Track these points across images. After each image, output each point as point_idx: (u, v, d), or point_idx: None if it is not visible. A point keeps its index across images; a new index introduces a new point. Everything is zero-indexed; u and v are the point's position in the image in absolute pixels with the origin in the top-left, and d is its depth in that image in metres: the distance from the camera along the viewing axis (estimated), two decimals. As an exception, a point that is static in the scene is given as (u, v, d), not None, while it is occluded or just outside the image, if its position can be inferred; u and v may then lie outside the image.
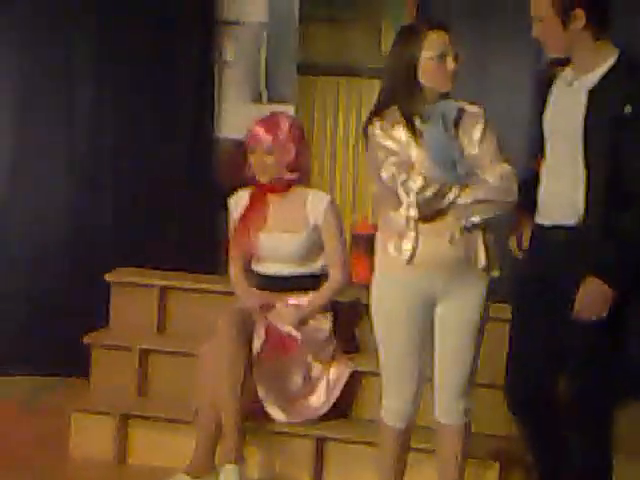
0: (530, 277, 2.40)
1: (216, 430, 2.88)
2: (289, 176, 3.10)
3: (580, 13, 2.20)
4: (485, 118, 2.38)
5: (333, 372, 3.12)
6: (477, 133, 2.35)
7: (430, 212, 2.27)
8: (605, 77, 2.23)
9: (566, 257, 2.27)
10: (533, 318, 2.37)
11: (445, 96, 2.34)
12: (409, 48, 2.31)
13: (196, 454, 2.89)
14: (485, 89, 3.78)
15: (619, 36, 2.32)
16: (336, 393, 3.10)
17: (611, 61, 2.24)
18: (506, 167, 2.34)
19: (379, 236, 2.42)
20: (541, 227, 2.37)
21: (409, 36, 2.34)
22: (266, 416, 3.01)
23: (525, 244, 2.47)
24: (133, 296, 3.47)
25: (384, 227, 2.40)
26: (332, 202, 3.15)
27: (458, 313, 2.37)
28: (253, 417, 2.97)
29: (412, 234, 2.29)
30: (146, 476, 3.12)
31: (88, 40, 4.16)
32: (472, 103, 2.41)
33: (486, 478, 2.91)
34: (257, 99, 4.38)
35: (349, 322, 3.28)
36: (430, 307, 2.38)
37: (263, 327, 2.98)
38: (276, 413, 3.01)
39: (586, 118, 2.22)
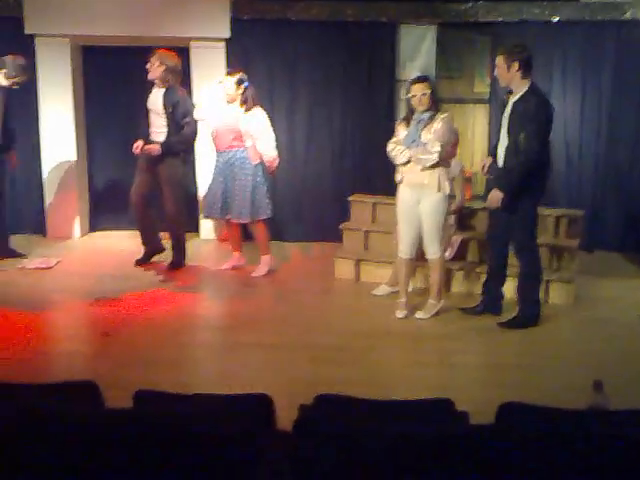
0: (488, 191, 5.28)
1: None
2: None
3: (516, 64, 4.94)
4: (442, 119, 5.13)
5: None
6: (435, 127, 5.12)
7: (397, 160, 5.26)
8: (521, 96, 4.97)
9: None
10: (493, 215, 5.29)
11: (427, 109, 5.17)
12: (408, 91, 5.20)
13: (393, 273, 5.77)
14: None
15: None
16: None
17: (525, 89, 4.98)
18: (437, 143, 5.10)
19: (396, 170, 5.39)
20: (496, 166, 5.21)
21: (408, 86, 5.28)
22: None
23: (486, 170, 5.30)
24: (359, 207, 6.65)
25: (396, 167, 5.34)
26: None
27: (425, 208, 5.21)
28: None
29: (401, 170, 5.28)
30: (368, 287, 6.06)
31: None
32: (442, 112, 5.20)
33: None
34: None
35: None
36: (416, 203, 5.24)
37: None
38: None
39: (509, 115, 5.02)
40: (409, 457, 2.28)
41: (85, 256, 7.01)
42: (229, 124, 6.16)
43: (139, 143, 6.32)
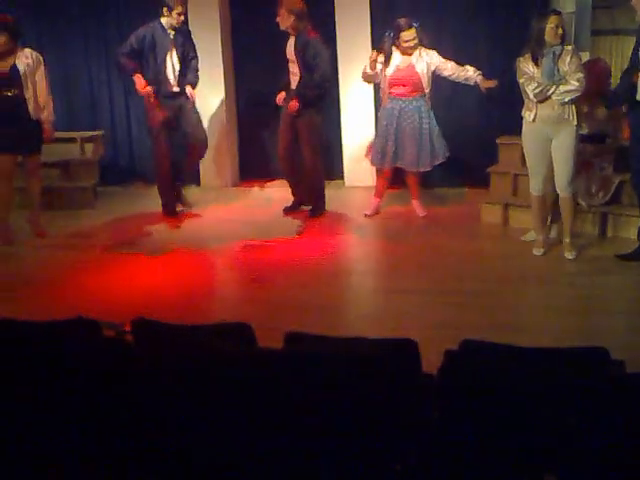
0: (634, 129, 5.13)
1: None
2: None
3: None
4: (573, 51, 5.04)
5: None
6: (568, 59, 4.99)
7: (542, 97, 5.02)
8: None
9: None
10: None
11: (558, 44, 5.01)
12: (540, 25, 5.02)
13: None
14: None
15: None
16: None
17: None
18: (580, 75, 4.96)
19: (524, 109, 5.22)
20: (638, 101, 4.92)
21: (540, 19, 5.07)
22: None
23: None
24: (508, 149, 6.55)
25: (525, 105, 5.19)
26: None
27: (561, 144, 5.08)
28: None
29: (533, 108, 5.10)
30: (516, 232, 5.89)
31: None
32: (568, 44, 5.12)
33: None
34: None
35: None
36: (548, 140, 5.13)
37: None
38: None
39: None
40: (562, 405, 2.25)
41: (235, 204, 7.27)
42: (413, 71, 6.23)
43: (282, 94, 6.46)
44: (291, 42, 6.35)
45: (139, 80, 6.39)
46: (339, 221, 6.56)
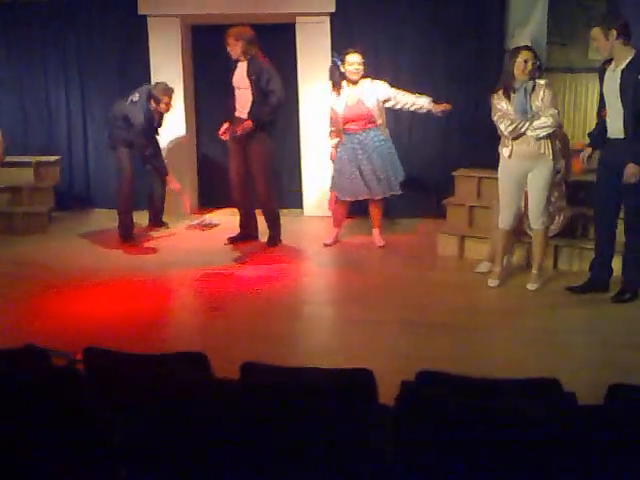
0: (602, 164, 5.12)
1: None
2: None
3: (614, 32, 4.79)
4: (546, 86, 5.11)
5: None
6: (541, 94, 5.07)
7: (516, 134, 5.09)
8: (629, 64, 4.80)
9: (619, 151, 4.88)
10: (605, 189, 5.05)
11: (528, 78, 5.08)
12: (511, 59, 5.11)
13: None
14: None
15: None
16: None
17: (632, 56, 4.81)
18: (553, 110, 5.07)
19: (500, 145, 5.27)
20: (608, 138, 4.99)
21: (512, 54, 5.18)
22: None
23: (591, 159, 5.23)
24: (464, 182, 6.67)
25: (501, 141, 5.23)
26: None
27: (538, 178, 5.15)
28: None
29: (509, 144, 5.14)
30: (472, 263, 5.93)
31: None
32: (541, 78, 5.15)
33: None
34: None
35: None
36: (524, 176, 5.18)
37: None
38: None
39: (620, 85, 4.81)
40: (514, 436, 2.26)
41: (193, 232, 7.22)
42: (363, 107, 6.27)
43: (226, 127, 6.43)
44: (242, 68, 6.30)
45: (172, 180, 6.95)
46: (298, 250, 6.56)
